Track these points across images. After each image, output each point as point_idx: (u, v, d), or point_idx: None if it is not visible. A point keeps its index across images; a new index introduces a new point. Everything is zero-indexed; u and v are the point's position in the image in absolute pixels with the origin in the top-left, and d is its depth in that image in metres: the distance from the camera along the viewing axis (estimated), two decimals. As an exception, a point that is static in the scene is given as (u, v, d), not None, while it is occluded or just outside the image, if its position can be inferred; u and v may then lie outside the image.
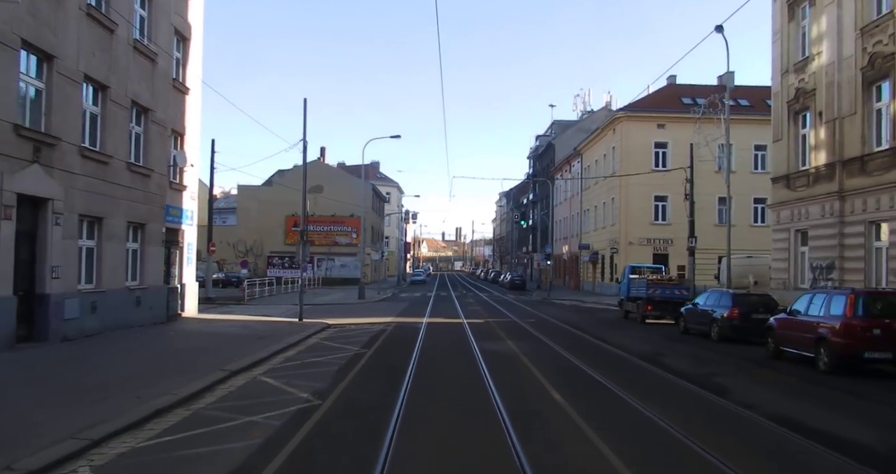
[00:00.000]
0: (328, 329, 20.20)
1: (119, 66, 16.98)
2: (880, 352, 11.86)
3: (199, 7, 23.10)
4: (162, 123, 19.81)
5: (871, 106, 18.50)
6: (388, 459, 6.47)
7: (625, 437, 7.54)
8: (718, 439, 7.45)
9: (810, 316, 13.30)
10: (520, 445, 6.93)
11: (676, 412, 8.84)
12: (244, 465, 6.29)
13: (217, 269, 51.33)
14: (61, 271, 14.49)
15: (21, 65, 13.24)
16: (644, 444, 7.32)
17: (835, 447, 7.18)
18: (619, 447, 6.95)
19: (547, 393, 10.22)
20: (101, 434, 7.32)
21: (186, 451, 6.80)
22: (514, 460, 6.49)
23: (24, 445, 6.63)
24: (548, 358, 14.40)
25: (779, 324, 14.46)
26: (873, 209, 18.06)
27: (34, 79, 13.88)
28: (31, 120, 13.66)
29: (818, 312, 13.08)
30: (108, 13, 16.27)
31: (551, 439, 7.51)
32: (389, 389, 10.15)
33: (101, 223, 16.45)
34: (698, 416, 8.94)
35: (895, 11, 17.33)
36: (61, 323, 14.47)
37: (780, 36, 23.18)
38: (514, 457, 6.58)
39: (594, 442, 7.22)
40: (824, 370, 12.46)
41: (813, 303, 13.47)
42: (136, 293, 18.21)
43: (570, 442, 7.39)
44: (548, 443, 7.32)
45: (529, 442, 7.10)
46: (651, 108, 43.89)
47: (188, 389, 9.89)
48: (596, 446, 7.08)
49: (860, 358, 11.98)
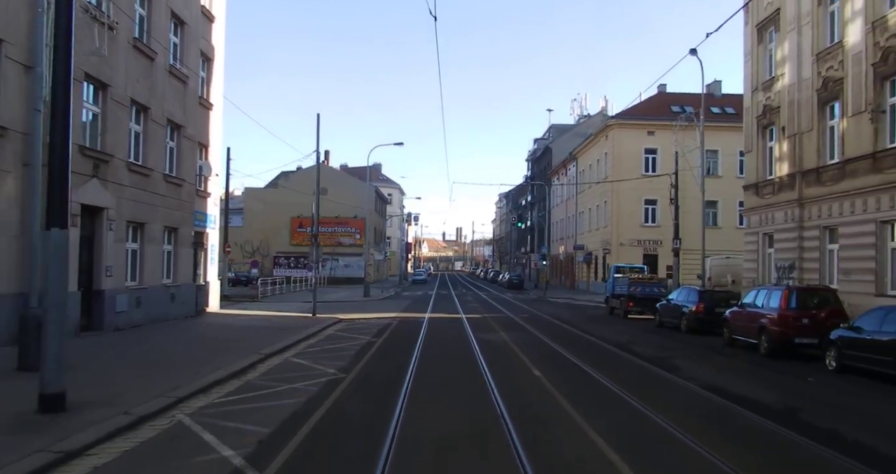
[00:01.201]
0: (340, 323, 22.45)
1: (158, 90, 19.26)
2: (808, 338, 14.21)
3: (221, 30, 25.37)
4: (191, 138, 22.09)
5: (825, 123, 20.74)
6: (402, 408, 8.76)
7: (582, 396, 9.82)
8: (655, 397, 9.72)
9: (755, 308, 15.60)
10: (501, 400, 9.22)
11: (629, 382, 11.12)
12: (298, 411, 8.58)
13: (227, 269, 53.58)
14: (113, 270, 16.77)
15: (83, 94, 15.54)
16: (595, 400, 9.61)
17: (741, 404, 9.47)
18: (574, 401, 9.25)
19: (529, 370, 12.51)
20: (181, 394, 9.59)
21: (252, 405, 9.08)
22: (495, 407, 8.82)
23: (127, 400, 8.88)
24: (534, 346, 16.66)
25: (732, 316, 16.76)
26: (826, 215, 20.28)
27: (92, 105, 16.17)
28: (90, 140, 15.95)
29: (761, 305, 15.38)
30: (149, 43, 18.54)
31: (526, 397, 9.80)
32: (400, 366, 12.45)
33: (143, 228, 18.73)
34: (647, 386, 11.20)
35: (844, 41, 19.57)
36: (114, 315, 16.74)
37: (750, 57, 25.43)
38: (494, 405, 8.90)
39: (557, 398, 9.54)
40: (764, 354, 14.79)
41: (758, 297, 15.79)
42: (171, 290, 20.50)
43: (538, 399, 9.69)
44: (522, 399, 9.59)
45: (507, 398, 9.38)
46: (641, 115, 46.13)
47: (235, 366, 12.16)
48: (557, 401, 9.39)
49: (792, 343, 14.32)
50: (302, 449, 6.93)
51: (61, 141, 8.09)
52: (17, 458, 6.29)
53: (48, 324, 8.04)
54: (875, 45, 18.05)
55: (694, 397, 10.24)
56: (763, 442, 7.62)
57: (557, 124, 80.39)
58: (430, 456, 6.82)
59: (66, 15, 8.08)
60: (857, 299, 17.04)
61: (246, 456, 6.55)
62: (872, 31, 18.14)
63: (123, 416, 8.08)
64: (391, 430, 7.59)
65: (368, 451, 6.75)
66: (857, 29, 18.82)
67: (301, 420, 8.12)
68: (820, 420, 8.81)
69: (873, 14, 18.07)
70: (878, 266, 17.56)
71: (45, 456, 6.44)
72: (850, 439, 7.78)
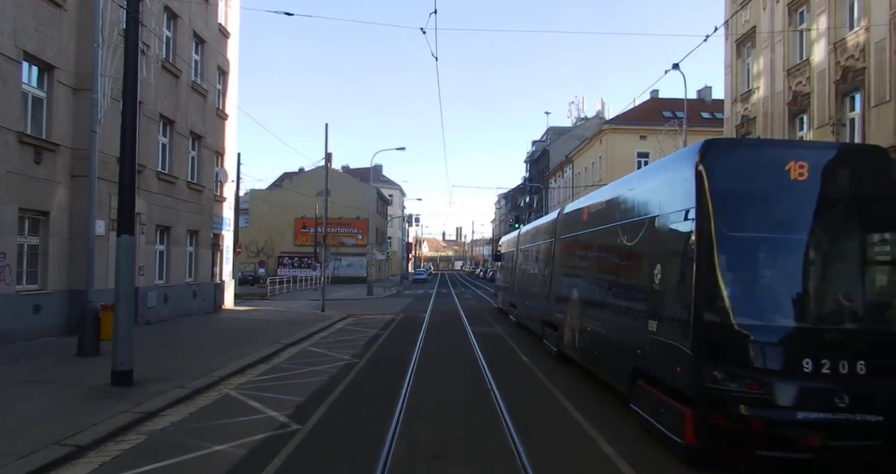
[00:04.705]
0: (348, 318, 24.23)
1: (182, 104, 21.05)
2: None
3: (235, 45, 27.15)
4: (210, 147, 23.89)
5: (795, 134, 22.50)
6: (410, 381, 10.59)
7: (556, 373, 11.61)
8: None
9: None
10: (492, 378, 11.02)
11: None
12: (324, 386, 10.39)
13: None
14: (145, 270, 18.56)
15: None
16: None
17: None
18: (534, 357, 11.04)
19: (518, 357, 14.29)
20: (221, 374, 11.38)
21: (283, 382, 10.87)
22: (486, 382, 10.64)
23: (178, 377, 10.66)
24: (525, 337, 18.44)
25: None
26: (796, 219, 22.07)
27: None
28: (126, 153, 17.73)
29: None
30: (174, 62, 20.32)
31: (505, 361, 11.59)
32: (406, 351, 14.29)
33: (169, 231, 20.52)
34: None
35: (811, 59, 21.36)
36: (145, 310, 18.52)
37: (730, 69, 27.22)
38: (486, 382, 10.73)
39: (539, 377, 11.31)
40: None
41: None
42: (193, 287, 22.29)
43: (512, 360, 11.46)
44: (509, 378, 11.38)
45: (497, 376, 11.16)
46: (634, 121, 47.96)
47: (261, 353, 13.95)
48: (539, 379, 11.16)
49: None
50: (332, 410, 8.74)
51: (130, 163, 9.87)
52: (110, 416, 8.08)
53: (119, 313, 9.83)
54: (837, 63, 19.84)
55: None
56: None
57: (555, 126, 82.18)
58: (434, 410, 8.64)
59: (132, 63, 9.84)
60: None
61: (288, 415, 8.35)
62: (834, 51, 19.93)
63: (180, 389, 9.87)
64: (402, 396, 9.43)
65: (385, 410, 8.56)
66: (822, 48, 20.61)
67: (327, 391, 9.93)
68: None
69: (835, 35, 19.85)
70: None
71: (131, 414, 8.23)
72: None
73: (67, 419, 7.80)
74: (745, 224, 6.66)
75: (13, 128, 13.57)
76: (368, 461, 6.43)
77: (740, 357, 6.24)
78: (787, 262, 6.73)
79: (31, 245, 14.76)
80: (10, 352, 12.67)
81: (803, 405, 6.09)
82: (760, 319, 6.36)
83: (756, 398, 6.09)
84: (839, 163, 6.93)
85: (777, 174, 6.69)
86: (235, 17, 27.09)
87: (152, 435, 7.50)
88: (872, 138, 17.98)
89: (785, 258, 6.73)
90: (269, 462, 6.42)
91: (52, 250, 15.09)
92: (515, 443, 7.12)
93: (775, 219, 6.70)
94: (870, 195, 6.79)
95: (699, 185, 6.73)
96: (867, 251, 6.84)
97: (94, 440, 7.10)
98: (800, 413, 6.05)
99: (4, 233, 13.48)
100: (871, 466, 6.24)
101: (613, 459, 6.72)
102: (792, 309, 6.55)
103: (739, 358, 6.24)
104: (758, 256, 6.75)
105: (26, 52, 13.98)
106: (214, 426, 7.88)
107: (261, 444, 7.06)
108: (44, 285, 14.95)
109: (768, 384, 6.13)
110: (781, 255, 6.74)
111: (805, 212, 6.69)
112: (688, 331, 6.52)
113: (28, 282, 14.64)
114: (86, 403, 8.73)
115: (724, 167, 6.82)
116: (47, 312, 14.83)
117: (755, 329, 6.27)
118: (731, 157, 7.02)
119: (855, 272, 6.77)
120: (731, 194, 6.67)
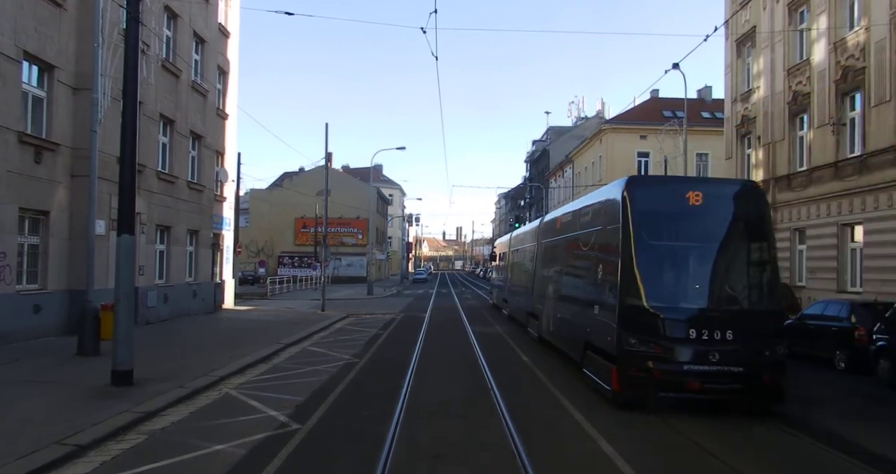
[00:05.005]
0: (348, 318, 24.23)
1: (182, 104, 21.05)
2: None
3: (235, 44, 27.14)
4: (210, 147, 23.88)
5: (794, 134, 22.53)
6: (410, 381, 10.60)
7: (556, 373, 11.62)
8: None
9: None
10: (492, 378, 11.03)
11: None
12: (324, 385, 10.39)
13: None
14: (145, 269, 18.55)
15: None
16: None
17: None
18: (534, 357, 11.05)
19: (518, 356, 14.29)
20: (221, 374, 11.37)
21: (283, 381, 10.87)
22: (486, 382, 10.63)
23: (178, 377, 10.66)
24: (525, 336, 18.45)
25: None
26: (796, 218, 22.06)
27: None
28: (126, 152, 17.72)
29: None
30: (175, 62, 20.32)
31: (505, 361, 11.59)
32: (407, 351, 14.29)
33: (169, 231, 20.52)
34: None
35: (811, 59, 21.35)
36: (145, 310, 18.51)
37: (730, 69, 27.21)
38: (486, 381, 10.72)
39: (539, 376, 11.31)
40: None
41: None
42: (193, 287, 22.29)
43: (512, 360, 11.47)
44: (509, 379, 11.39)
45: (497, 376, 11.17)
46: (634, 120, 47.91)
47: (261, 353, 13.95)
48: (538, 376, 11.16)
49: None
50: (332, 410, 8.74)
51: (130, 163, 9.87)
52: (111, 416, 8.08)
53: (119, 313, 9.83)
54: (837, 63, 19.83)
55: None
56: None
57: (555, 126, 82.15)
58: (435, 410, 8.64)
59: (132, 63, 9.84)
60: (821, 295, 18.78)
61: (288, 415, 8.35)
62: (834, 51, 19.92)
63: (181, 389, 9.87)
64: (402, 396, 9.43)
65: (385, 410, 8.56)
66: (822, 48, 20.60)
67: (327, 391, 9.93)
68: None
69: (835, 35, 19.84)
70: (839, 265, 19.35)
71: (131, 414, 8.23)
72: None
73: (67, 419, 7.80)
74: (655, 235, 9.32)
75: (13, 127, 13.56)
76: (368, 461, 6.44)
77: (648, 328, 8.91)
78: (683, 263, 9.47)
79: (32, 245, 14.76)
80: (10, 352, 12.66)
81: (689, 361, 8.78)
82: (663, 303, 9.01)
83: (658, 356, 8.80)
84: (724, 193, 9.81)
85: (679, 200, 9.37)
86: (235, 17, 27.08)
87: (152, 435, 7.50)
88: (873, 138, 18.01)
89: (682, 260, 9.47)
90: (270, 461, 6.42)
91: (52, 250, 15.09)
92: (515, 443, 7.12)
93: (677, 232, 9.48)
94: (744, 216, 9.55)
95: (624, 208, 9.41)
96: (741, 255, 9.56)
97: (94, 439, 7.10)
98: (686, 366, 8.77)
99: (4, 233, 13.48)
100: (735, 402, 9.07)
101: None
102: (685, 296, 9.27)
103: (648, 329, 8.91)
104: (664, 258, 9.43)
105: (26, 52, 13.98)
106: (214, 426, 7.88)
107: (261, 444, 7.06)
108: (44, 285, 14.95)
109: (666, 347, 8.83)
110: (680, 258, 9.47)
111: (698, 227, 9.41)
112: (615, 312, 9.24)
113: (28, 281, 14.64)
114: (86, 403, 8.73)
115: (642, 195, 9.54)
116: (47, 312, 14.83)
117: (660, 309, 8.93)
118: (647, 189, 9.97)
119: (731, 270, 9.54)
120: (646, 214, 9.35)
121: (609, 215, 10.08)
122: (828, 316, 14.17)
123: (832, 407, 9.98)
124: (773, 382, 8.83)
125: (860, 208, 18.33)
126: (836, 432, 8.15)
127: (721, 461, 6.86)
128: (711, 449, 7.25)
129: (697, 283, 9.34)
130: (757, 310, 9.23)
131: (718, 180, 12.94)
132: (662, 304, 8.93)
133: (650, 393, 8.85)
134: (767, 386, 8.82)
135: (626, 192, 9.46)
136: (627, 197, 9.40)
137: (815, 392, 10.99)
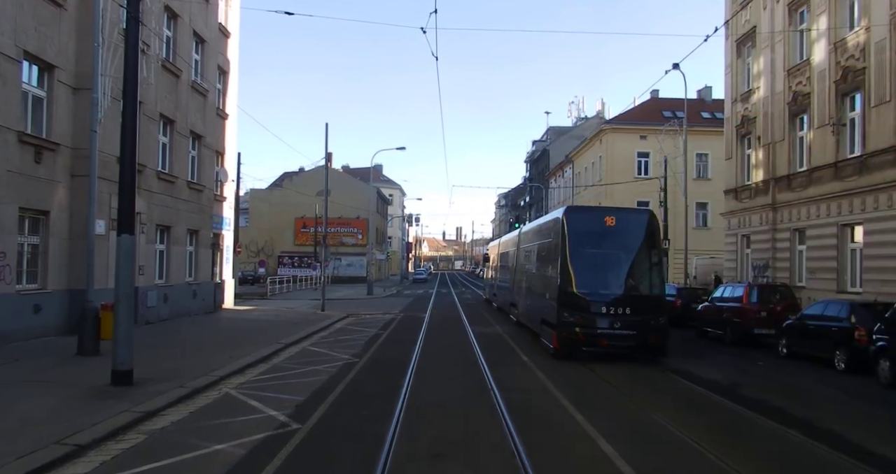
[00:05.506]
0: (348, 318, 24.22)
1: (182, 104, 21.05)
2: (766, 328, 16.11)
3: (236, 44, 27.13)
4: (210, 147, 23.88)
5: (795, 134, 22.52)
6: (410, 381, 10.59)
7: (555, 371, 11.66)
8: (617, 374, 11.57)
9: (722, 303, 17.42)
10: (491, 377, 11.03)
11: (599, 361, 12.94)
12: (324, 385, 10.38)
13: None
14: (145, 269, 18.54)
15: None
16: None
17: (689, 379, 11.28)
18: (534, 357, 11.09)
19: (519, 356, 14.30)
20: (221, 374, 11.37)
21: (283, 381, 10.87)
22: (486, 382, 10.62)
23: (178, 377, 10.66)
24: (525, 336, 18.44)
25: (703, 311, 18.58)
26: (796, 219, 22.06)
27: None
28: (126, 152, 17.72)
29: (727, 300, 17.21)
30: (175, 62, 20.32)
31: (505, 362, 11.61)
32: (406, 351, 14.30)
33: (169, 231, 20.51)
34: (617, 368, 13.02)
35: (811, 59, 21.34)
36: (145, 310, 18.51)
37: (730, 69, 27.20)
38: (486, 381, 10.71)
39: (540, 378, 11.32)
40: (728, 343, 16.62)
41: (725, 293, 17.62)
42: (193, 287, 22.29)
43: (512, 360, 11.48)
44: (509, 377, 11.40)
45: (496, 375, 11.17)
46: (634, 120, 47.87)
47: (261, 353, 13.94)
48: (519, 356, 11.17)
49: (751, 333, 16.18)
50: (332, 410, 8.73)
51: (130, 163, 9.87)
52: (111, 415, 8.07)
53: (119, 313, 9.82)
54: (837, 63, 19.83)
55: (659, 377, 12.05)
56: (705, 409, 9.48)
57: (555, 126, 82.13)
58: (434, 410, 8.63)
59: (133, 63, 9.83)
60: (821, 296, 18.75)
61: (288, 415, 8.35)
62: (835, 51, 19.92)
63: (180, 389, 9.86)
64: (402, 396, 9.42)
65: (385, 410, 8.56)
66: (822, 48, 20.60)
67: (327, 391, 9.92)
68: (753, 392, 10.67)
69: (835, 36, 19.83)
70: (839, 265, 19.34)
71: (131, 414, 8.22)
72: (773, 405, 9.61)
73: (67, 418, 7.80)
74: (582, 245, 13.96)
75: (13, 127, 13.56)
76: (368, 460, 6.43)
77: (576, 306, 13.53)
78: (601, 264, 13.95)
79: (32, 244, 14.76)
80: (10, 352, 12.65)
81: (600, 327, 13.29)
82: (586, 289, 13.62)
83: (582, 324, 13.39)
84: (630, 218, 14.61)
85: (599, 222, 14.25)
86: (235, 17, 27.08)
87: (152, 435, 7.50)
88: (873, 138, 18.00)
89: (600, 261, 13.97)
90: (269, 461, 6.42)
91: (52, 250, 15.08)
92: (516, 443, 7.13)
93: (597, 243, 14.00)
94: (642, 232, 14.09)
95: (562, 227, 14.26)
96: (638, 259, 14.02)
97: (94, 439, 7.09)
98: (599, 330, 13.30)
99: (4, 233, 13.48)
100: (631, 356, 13.64)
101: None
102: (601, 285, 13.73)
103: (576, 306, 13.52)
104: (588, 260, 13.89)
105: (26, 52, 13.97)
106: (214, 425, 7.88)
107: (261, 444, 7.06)
108: (44, 285, 14.94)
109: (587, 318, 13.39)
110: (599, 260, 13.99)
111: (611, 240, 14.03)
112: (556, 296, 13.95)
113: (28, 281, 14.63)
114: (86, 403, 8.73)
115: (574, 218, 14.49)
116: (47, 312, 14.83)
117: (584, 294, 13.58)
118: (578, 214, 15.16)
119: (631, 268, 13.98)
120: (577, 231, 14.13)
121: (555, 231, 14.90)
122: (828, 316, 14.17)
123: (832, 407, 10.00)
124: (657, 342, 13.43)
125: (860, 208, 18.32)
126: (836, 432, 8.16)
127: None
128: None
129: (609, 277, 13.82)
130: (647, 295, 13.77)
131: (627, 209, 17.89)
132: (586, 290, 13.57)
133: (576, 348, 13.55)
134: (653, 344, 13.41)
135: (564, 217, 14.37)
136: (565, 219, 14.26)
137: (815, 392, 11.01)
